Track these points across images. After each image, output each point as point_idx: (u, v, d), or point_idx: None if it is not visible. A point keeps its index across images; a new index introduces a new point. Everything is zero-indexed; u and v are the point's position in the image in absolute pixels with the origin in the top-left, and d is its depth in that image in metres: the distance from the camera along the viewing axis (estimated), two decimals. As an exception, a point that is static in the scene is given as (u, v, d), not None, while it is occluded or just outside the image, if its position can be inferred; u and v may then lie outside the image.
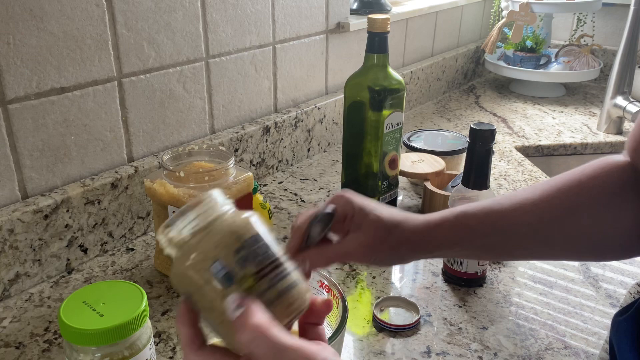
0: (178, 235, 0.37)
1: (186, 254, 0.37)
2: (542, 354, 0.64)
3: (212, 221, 0.37)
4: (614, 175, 0.53)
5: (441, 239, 0.55)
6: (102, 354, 0.49)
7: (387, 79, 0.85)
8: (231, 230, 0.36)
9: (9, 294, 0.73)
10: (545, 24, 1.70)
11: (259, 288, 0.35)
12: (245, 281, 0.35)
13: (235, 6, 0.96)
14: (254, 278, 0.35)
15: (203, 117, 0.97)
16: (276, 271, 0.36)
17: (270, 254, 0.37)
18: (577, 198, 0.53)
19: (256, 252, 0.36)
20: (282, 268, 0.37)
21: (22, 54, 0.70)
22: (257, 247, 0.36)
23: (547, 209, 0.54)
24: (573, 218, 0.53)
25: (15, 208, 0.72)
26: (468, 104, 1.58)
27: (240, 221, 0.37)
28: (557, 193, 0.54)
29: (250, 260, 0.35)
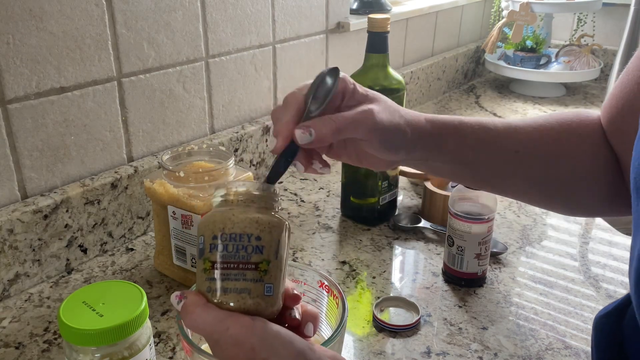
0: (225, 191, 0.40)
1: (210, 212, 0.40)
2: (543, 354, 0.64)
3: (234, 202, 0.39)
4: (593, 130, 0.56)
5: (438, 135, 0.54)
6: (102, 354, 0.48)
7: (387, 79, 0.85)
8: (227, 218, 0.38)
9: (8, 294, 0.73)
10: (545, 24, 1.70)
11: (210, 275, 0.38)
12: (205, 263, 0.38)
13: (235, 6, 0.96)
14: (211, 264, 0.38)
15: (203, 117, 0.97)
16: (228, 272, 0.37)
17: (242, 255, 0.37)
18: (569, 136, 0.55)
19: (226, 246, 0.37)
20: (240, 272, 0.37)
21: (22, 54, 0.70)
22: (230, 243, 0.38)
23: (537, 140, 0.55)
24: (560, 154, 0.55)
25: (14, 208, 0.72)
26: (468, 103, 1.58)
27: (248, 218, 0.38)
28: (549, 128, 0.56)
29: (214, 250, 0.38)
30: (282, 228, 0.39)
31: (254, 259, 0.38)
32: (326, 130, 0.44)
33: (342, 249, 0.85)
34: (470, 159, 0.55)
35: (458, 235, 0.74)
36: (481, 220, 0.73)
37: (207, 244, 0.38)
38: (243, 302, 0.37)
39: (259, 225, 0.38)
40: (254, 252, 0.37)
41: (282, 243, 0.39)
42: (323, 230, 0.91)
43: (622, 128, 0.52)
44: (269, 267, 0.38)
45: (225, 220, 0.38)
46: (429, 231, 0.90)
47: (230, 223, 0.38)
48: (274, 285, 0.38)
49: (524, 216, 0.95)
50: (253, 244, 0.38)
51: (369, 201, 0.91)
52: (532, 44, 1.62)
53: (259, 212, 0.39)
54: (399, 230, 0.90)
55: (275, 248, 0.38)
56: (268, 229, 0.38)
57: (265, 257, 0.38)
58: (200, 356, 0.48)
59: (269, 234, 0.38)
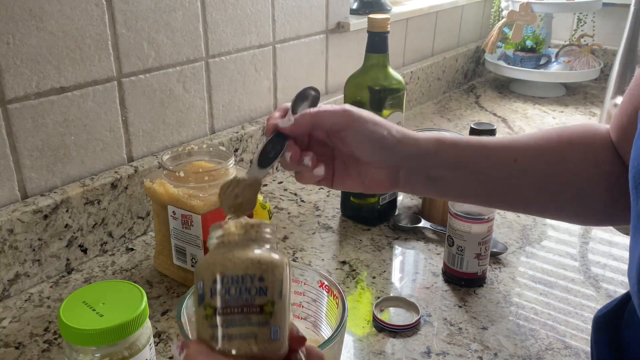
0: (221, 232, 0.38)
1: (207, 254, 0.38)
2: (543, 354, 0.64)
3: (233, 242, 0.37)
4: (600, 141, 0.55)
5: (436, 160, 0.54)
6: (102, 354, 0.48)
7: (387, 79, 0.85)
8: (227, 259, 0.36)
9: (8, 294, 0.73)
10: (545, 24, 1.70)
11: (213, 322, 0.35)
12: (207, 309, 0.36)
13: (235, 6, 0.96)
14: (212, 310, 0.35)
15: (203, 117, 0.97)
16: (231, 317, 0.35)
17: (245, 298, 0.35)
18: (569, 148, 0.55)
19: (228, 289, 0.35)
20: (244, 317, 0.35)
21: (22, 54, 0.70)
22: (232, 286, 0.35)
23: (537, 151, 0.55)
24: (560, 166, 0.54)
25: (14, 208, 0.72)
26: (468, 103, 1.58)
27: (249, 258, 0.36)
28: (549, 140, 0.56)
29: (215, 295, 0.35)
30: (284, 266, 0.37)
31: (258, 301, 0.35)
32: (305, 119, 0.49)
33: (342, 249, 0.85)
34: (470, 165, 0.55)
35: (458, 235, 0.74)
36: (481, 220, 0.73)
37: (207, 289, 0.36)
38: (249, 349, 0.35)
39: (261, 265, 0.36)
40: (258, 294, 0.35)
41: (285, 282, 0.37)
42: (323, 230, 0.91)
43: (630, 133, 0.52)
44: (274, 309, 0.36)
45: (225, 262, 0.36)
46: (429, 231, 0.90)
47: (231, 264, 0.36)
48: (280, 328, 0.36)
49: (523, 216, 0.95)
50: (256, 286, 0.35)
51: (369, 201, 0.91)
52: (532, 44, 1.62)
53: (258, 250, 0.37)
54: (399, 230, 0.90)
55: (279, 288, 0.36)
56: (271, 269, 0.36)
57: (269, 298, 0.35)
58: (200, 356, 0.48)
59: (271, 274, 0.36)
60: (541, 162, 0.55)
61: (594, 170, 0.54)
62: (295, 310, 0.62)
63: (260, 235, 0.38)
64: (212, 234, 0.39)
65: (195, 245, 0.71)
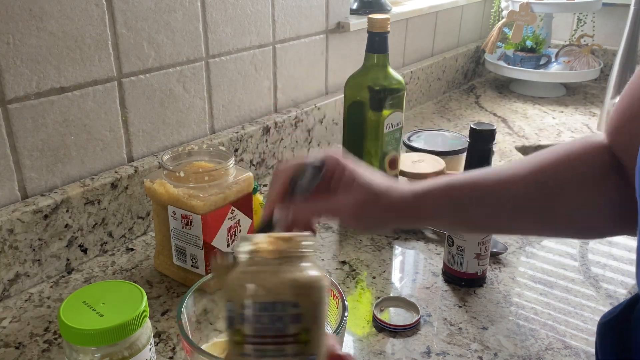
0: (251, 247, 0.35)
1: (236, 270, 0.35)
2: (542, 354, 0.64)
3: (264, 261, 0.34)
4: (597, 156, 0.54)
5: (426, 208, 0.55)
6: (102, 354, 0.49)
7: (387, 79, 0.85)
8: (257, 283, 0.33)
9: (8, 294, 0.73)
10: (545, 24, 1.70)
11: (244, 350, 0.33)
12: (237, 335, 0.34)
13: (235, 6, 0.96)
14: (243, 338, 0.33)
15: (203, 117, 0.97)
16: (264, 347, 0.33)
17: (278, 327, 0.33)
18: (564, 176, 0.53)
19: (259, 317, 0.33)
20: (277, 348, 0.33)
21: (22, 54, 0.70)
22: (263, 314, 0.33)
23: (532, 184, 0.54)
24: (558, 193, 0.53)
25: (15, 208, 0.72)
26: (468, 103, 1.58)
27: (281, 282, 0.33)
28: (543, 168, 0.54)
29: (246, 322, 0.33)
30: (321, 288, 0.34)
31: (292, 330, 0.33)
32: (302, 216, 0.51)
33: (342, 249, 0.85)
34: (472, 217, 0.56)
35: (458, 235, 0.74)
36: (481, 220, 0.73)
37: (237, 314, 0.33)
38: None
39: (295, 290, 0.33)
40: (292, 322, 0.33)
41: (321, 304, 0.34)
42: (323, 230, 0.91)
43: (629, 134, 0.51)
44: (309, 337, 0.33)
45: (255, 285, 0.33)
46: (429, 231, 0.90)
47: (262, 289, 0.33)
48: (316, 355, 0.33)
49: (524, 216, 0.95)
50: (290, 313, 0.33)
51: (369, 201, 0.91)
52: (532, 44, 1.62)
53: (292, 268, 0.34)
54: (399, 230, 0.90)
55: (314, 312, 0.33)
56: (305, 293, 0.33)
57: (304, 325, 0.33)
58: (200, 356, 0.48)
59: (306, 298, 0.33)
60: (537, 197, 0.54)
61: (594, 192, 0.53)
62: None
63: (294, 251, 0.35)
64: (242, 246, 0.36)
65: (195, 245, 0.71)
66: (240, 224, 0.75)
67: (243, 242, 0.36)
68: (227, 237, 0.73)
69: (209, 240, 0.71)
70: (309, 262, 0.35)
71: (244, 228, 0.75)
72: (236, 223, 0.74)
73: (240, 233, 0.75)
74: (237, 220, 0.74)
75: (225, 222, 0.72)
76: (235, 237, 0.74)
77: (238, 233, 0.75)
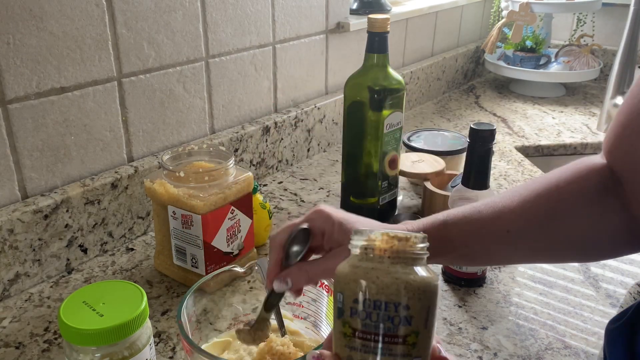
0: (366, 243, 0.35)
1: (349, 262, 0.36)
2: (542, 354, 0.64)
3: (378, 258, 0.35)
4: (592, 178, 0.53)
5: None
6: (102, 354, 0.49)
7: (387, 79, 0.85)
8: (371, 280, 0.33)
9: (8, 294, 0.73)
10: (545, 24, 1.70)
11: (351, 343, 0.34)
12: (345, 327, 0.34)
13: (235, 6, 0.96)
14: (352, 331, 0.34)
15: (203, 117, 0.97)
16: (372, 344, 0.33)
17: (388, 327, 0.33)
18: (557, 204, 0.53)
19: (369, 314, 0.33)
20: (385, 347, 0.33)
21: (22, 54, 0.70)
22: (374, 311, 0.33)
23: (526, 216, 0.53)
24: (553, 224, 0.53)
25: (15, 208, 0.72)
26: (468, 104, 1.58)
27: (394, 282, 0.33)
28: (536, 199, 0.54)
29: (355, 316, 0.34)
30: (433, 291, 0.34)
31: (402, 331, 0.33)
32: (300, 280, 0.52)
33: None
34: (469, 253, 0.55)
35: (458, 235, 0.74)
36: (481, 220, 0.73)
37: (347, 307, 0.34)
38: None
39: (408, 292, 0.33)
40: (402, 324, 0.33)
41: (432, 308, 0.34)
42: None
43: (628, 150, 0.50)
44: (418, 339, 0.33)
45: (368, 282, 0.33)
46: (428, 231, 0.90)
47: (375, 287, 0.33)
48: (422, 358, 0.34)
49: (523, 216, 0.95)
50: (401, 314, 0.33)
51: (369, 201, 0.91)
52: (532, 44, 1.62)
53: (406, 270, 0.34)
54: (399, 230, 0.90)
55: (425, 316, 0.33)
56: (417, 296, 0.33)
57: (414, 328, 0.33)
58: (200, 356, 0.48)
59: (418, 301, 0.33)
60: (535, 224, 0.53)
61: (593, 214, 0.52)
62: (295, 310, 0.63)
63: (409, 252, 0.35)
64: (355, 239, 0.36)
65: (195, 245, 0.71)
66: (240, 224, 0.75)
67: (357, 236, 0.36)
68: (227, 237, 0.73)
69: (209, 240, 0.71)
70: (422, 264, 0.35)
71: (243, 228, 0.75)
72: (236, 223, 0.74)
73: (240, 233, 0.75)
74: (237, 220, 0.74)
75: (225, 222, 0.72)
76: (235, 237, 0.75)
77: (238, 233, 0.75)
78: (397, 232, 0.35)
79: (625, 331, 0.53)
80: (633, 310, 0.53)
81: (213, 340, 0.59)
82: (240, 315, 0.62)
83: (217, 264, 0.73)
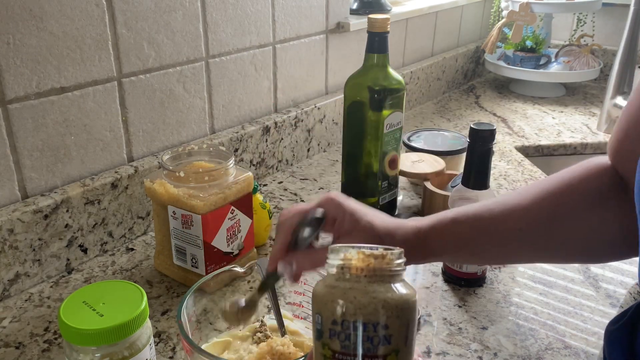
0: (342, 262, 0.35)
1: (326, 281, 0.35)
2: (542, 354, 0.64)
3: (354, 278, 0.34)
4: (601, 178, 0.53)
5: (431, 247, 0.55)
6: (102, 354, 0.49)
7: (387, 79, 0.85)
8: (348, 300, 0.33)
9: (8, 294, 0.73)
10: (545, 24, 1.70)
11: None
12: (325, 349, 0.34)
13: (235, 6, 0.96)
14: (332, 353, 0.33)
15: (203, 117, 0.97)
16: None
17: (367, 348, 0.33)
18: (568, 202, 0.53)
19: (348, 335, 0.33)
20: None
21: (22, 54, 0.70)
22: (352, 332, 0.33)
23: (537, 214, 0.54)
24: (563, 222, 0.53)
25: (15, 208, 0.72)
26: (468, 104, 1.58)
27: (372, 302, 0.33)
28: (547, 196, 0.54)
29: (334, 337, 0.33)
30: (412, 308, 0.34)
31: (382, 351, 0.33)
32: (305, 266, 0.52)
33: (342, 249, 0.85)
34: (478, 251, 0.56)
35: (458, 235, 0.74)
36: (481, 220, 0.73)
37: (326, 328, 0.33)
38: None
39: (386, 311, 0.33)
40: (381, 344, 0.33)
41: (411, 325, 0.34)
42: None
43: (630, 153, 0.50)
44: (398, 358, 0.33)
45: (345, 303, 0.33)
46: (428, 231, 0.90)
47: (352, 308, 0.33)
48: None
49: (523, 216, 0.95)
50: (380, 334, 0.33)
51: (369, 201, 0.91)
52: (532, 44, 1.62)
53: (383, 288, 0.34)
54: (399, 230, 0.90)
55: (405, 333, 0.33)
56: (396, 314, 0.33)
57: (393, 347, 0.33)
58: (200, 356, 0.48)
59: (397, 319, 0.33)
60: (542, 225, 0.53)
61: (600, 214, 0.52)
62: (295, 310, 0.63)
63: (386, 269, 0.34)
64: (332, 259, 0.36)
65: (195, 245, 0.71)
66: (240, 224, 0.75)
67: (333, 255, 0.36)
68: (227, 237, 0.73)
69: (209, 240, 0.71)
70: (399, 281, 0.35)
71: (243, 228, 0.75)
72: (236, 223, 0.74)
73: (240, 233, 0.75)
74: (237, 220, 0.74)
75: (225, 222, 0.72)
76: (235, 237, 0.75)
77: (238, 233, 0.75)
78: (373, 250, 0.35)
79: (626, 332, 0.53)
80: (633, 311, 0.53)
81: (213, 340, 0.59)
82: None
83: (217, 264, 0.73)
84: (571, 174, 0.55)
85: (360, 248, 0.35)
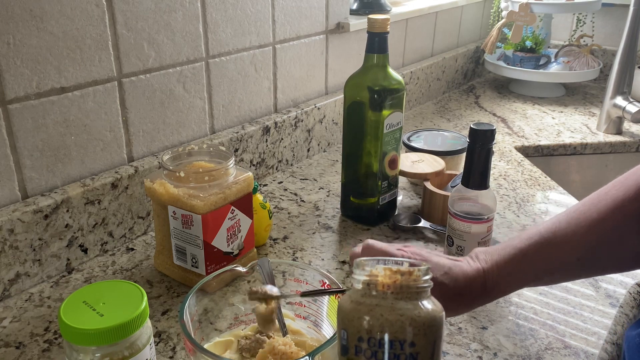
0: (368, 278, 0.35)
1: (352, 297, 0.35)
2: (542, 354, 0.64)
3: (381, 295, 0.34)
4: None
5: (499, 288, 0.55)
6: (102, 353, 0.49)
7: (387, 79, 0.86)
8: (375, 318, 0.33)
9: (9, 293, 0.73)
10: (545, 24, 1.70)
11: None
12: None
13: (235, 6, 0.96)
14: None
15: (203, 117, 0.97)
16: None
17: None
18: (623, 226, 0.53)
19: (374, 353, 0.32)
20: None
21: (22, 54, 0.70)
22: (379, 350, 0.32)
23: (595, 243, 0.53)
24: (621, 246, 0.53)
25: (15, 208, 0.72)
26: (468, 104, 1.58)
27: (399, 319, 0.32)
28: (603, 223, 0.53)
29: (360, 354, 0.33)
30: (439, 325, 0.33)
31: None
32: None
33: (342, 248, 0.85)
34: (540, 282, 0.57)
35: (458, 235, 0.74)
36: (481, 220, 0.73)
37: (352, 344, 0.33)
38: None
39: (413, 329, 0.32)
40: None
41: (437, 342, 0.33)
42: (323, 230, 0.91)
43: None
44: None
45: (372, 320, 0.33)
46: (428, 231, 0.90)
47: (379, 326, 0.32)
48: None
49: (523, 216, 0.96)
50: (407, 352, 0.32)
51: (369, 201, 0.91)
52: (532, 44, 1.62)
53: (410, 305, 0.33)
54: (399, 230, 0.90)
55: (432, 351, 0.33)
56: (423, 331, 0.32)
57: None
58: (203, 355, 0.49)
59: (424, 337, 0.32)
60: (603, 254, 0.54)
61: None
62: (296, 309, 0.63)
63: (413, 286, 0.34)
64: (357, 274, 0.35)
65: (196, 245, 0.71)
66: (240, 224, 0.75)
67: (359, 270, 0.35)
68: (227, 237, 0.73)
69: (209, 240, 0.71)
70: (426, 297, 0.34)
71: (244, 228, 0.75)
72: (236, 223, 0.74)
73: (240, 233, 0.75)
74: (237, 220, 0.74)
75: (225, 222, 0.72)
76: (235, 236, 0.75)
77: (238, 233, 0.75)
78: (399, 266, 0.34)
79: None
80: None
81: (215, 340, 0.59)
82: (241, 315, 0.63)
83: (217, 263, 0.73)
84: (623, 195, 0.53)
85: (385, 263, 0.35)
